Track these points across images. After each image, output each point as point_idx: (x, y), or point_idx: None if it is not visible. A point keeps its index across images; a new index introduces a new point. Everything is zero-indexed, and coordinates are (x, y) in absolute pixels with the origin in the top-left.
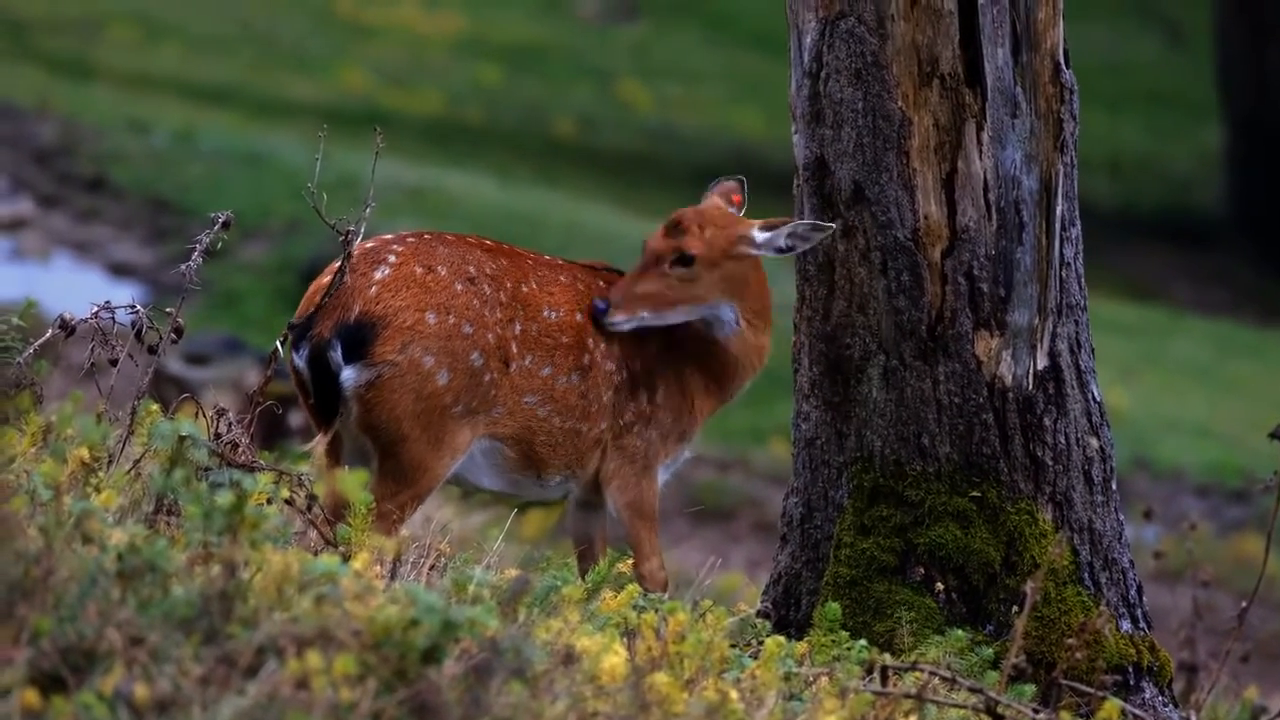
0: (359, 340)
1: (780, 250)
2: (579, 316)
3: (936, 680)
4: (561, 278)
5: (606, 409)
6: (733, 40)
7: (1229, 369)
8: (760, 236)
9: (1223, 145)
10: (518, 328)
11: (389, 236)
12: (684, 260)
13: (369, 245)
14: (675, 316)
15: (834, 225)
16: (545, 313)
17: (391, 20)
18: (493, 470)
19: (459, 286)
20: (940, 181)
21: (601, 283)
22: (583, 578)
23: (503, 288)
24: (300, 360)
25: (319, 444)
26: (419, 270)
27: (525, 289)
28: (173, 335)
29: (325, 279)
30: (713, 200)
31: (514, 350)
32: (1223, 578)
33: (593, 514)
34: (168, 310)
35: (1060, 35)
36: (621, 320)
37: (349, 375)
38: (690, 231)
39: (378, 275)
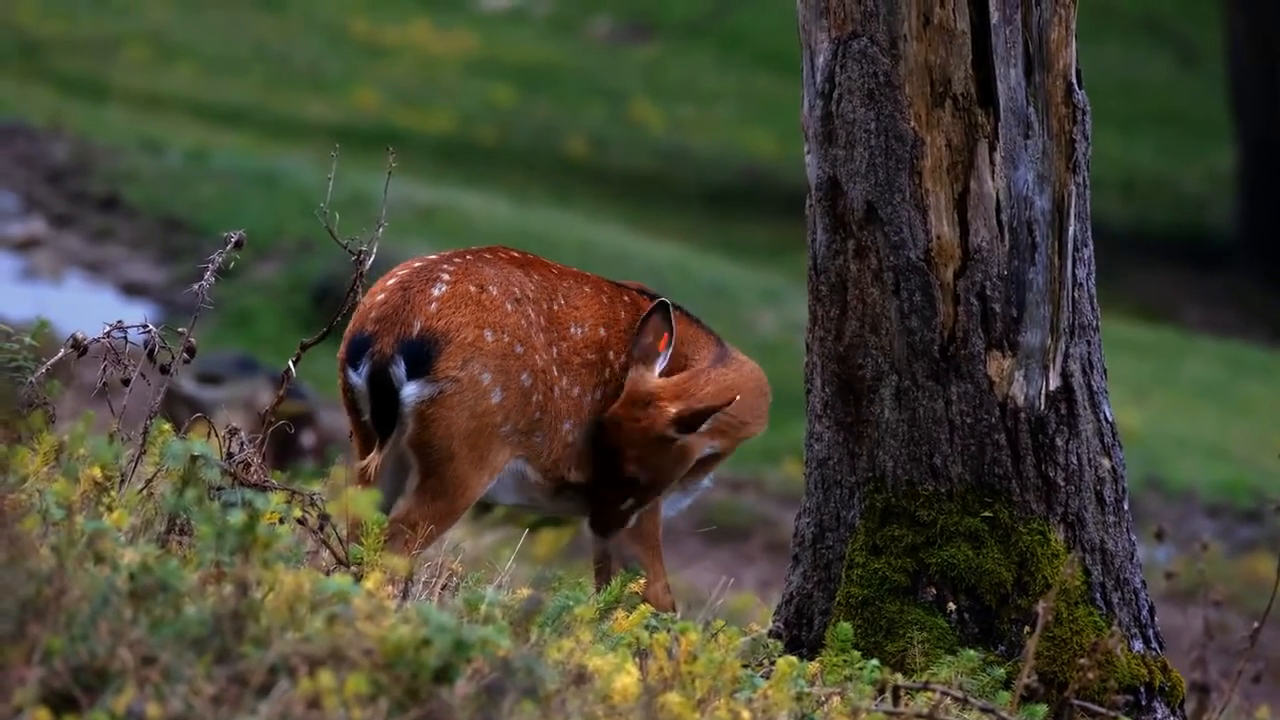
0: (423, 356)
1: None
2: (602, 331)
3: (948, 700)
4: (586, 288)
5: None
6: (745, 61)
7: (1240, 389)
8: (675, 436)
9: (1235, 166)
10: (555, 350)
11: (434, 256)
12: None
13: (418, 264)
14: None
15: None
16: (572, 329)
17: (404, 40)
18: (515, 488)
19: (509, 306)
20: (953, 202)
21: (626, 298)
22: (599, 592)
23: (541, 311)
24: (358, 378)
25: (373, 461)
26: (473, 289)
27: (555, 307)
28: (185, 355)
29: (378, 296)
30: (639, 376)
31: (555, 374)
32: (1235, 598)
33: None
34: (180, 330)
35: (1073, 56)
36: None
37: (411, 391)
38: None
39: (435, 292)
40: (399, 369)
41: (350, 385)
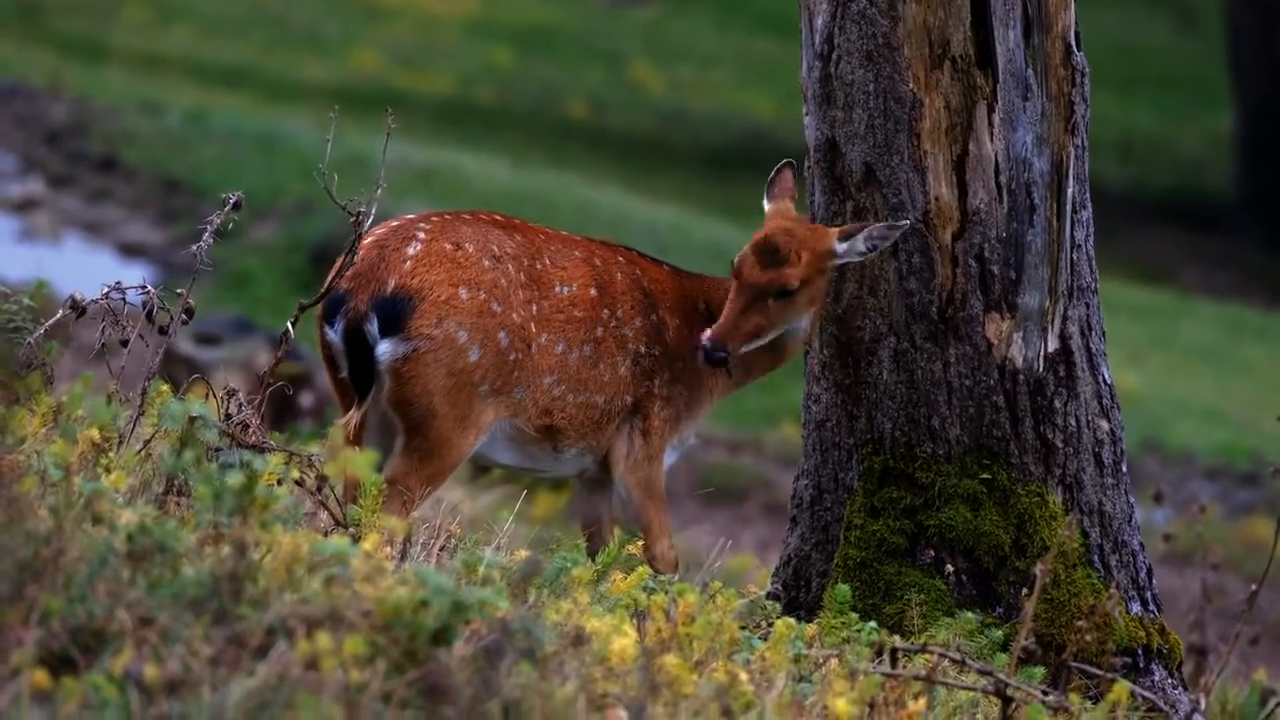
0: (396, 313)
1: (862, 254)
2: (593, 291)
3: (946, 662)
4: (576, 253)
5: (624, 381)
6: (744, 23)
7: (1238, 352)
8: (841, 248)
9: (1233, 129)
10: (535, 308)
11: (412, 216)
12: (785, 294)
13: (395, 223)
14: (768, 339)
15: (908, 222)
16: (557, 289)
17: (404, 1)
18: (510, 445)
19: (486, 264)
20: (951, 164)
21: (620, 258)
22: (591, 559)
23: (521, 267)
24: (334, 334)
25: (351, 419)
26: (449, 246)
27: (539, 266)
28: (183, 316)
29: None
30: (783, 206)
31: (533, 330)
32: (1232, 561)
33: (600, 495)
34: (178, 291)
35: (1072, 18)
36: (731, 357)
37: (385, 349)
38: (790, 261)
39: (410, 250)
40: (372, 326)
41: (327, 342)
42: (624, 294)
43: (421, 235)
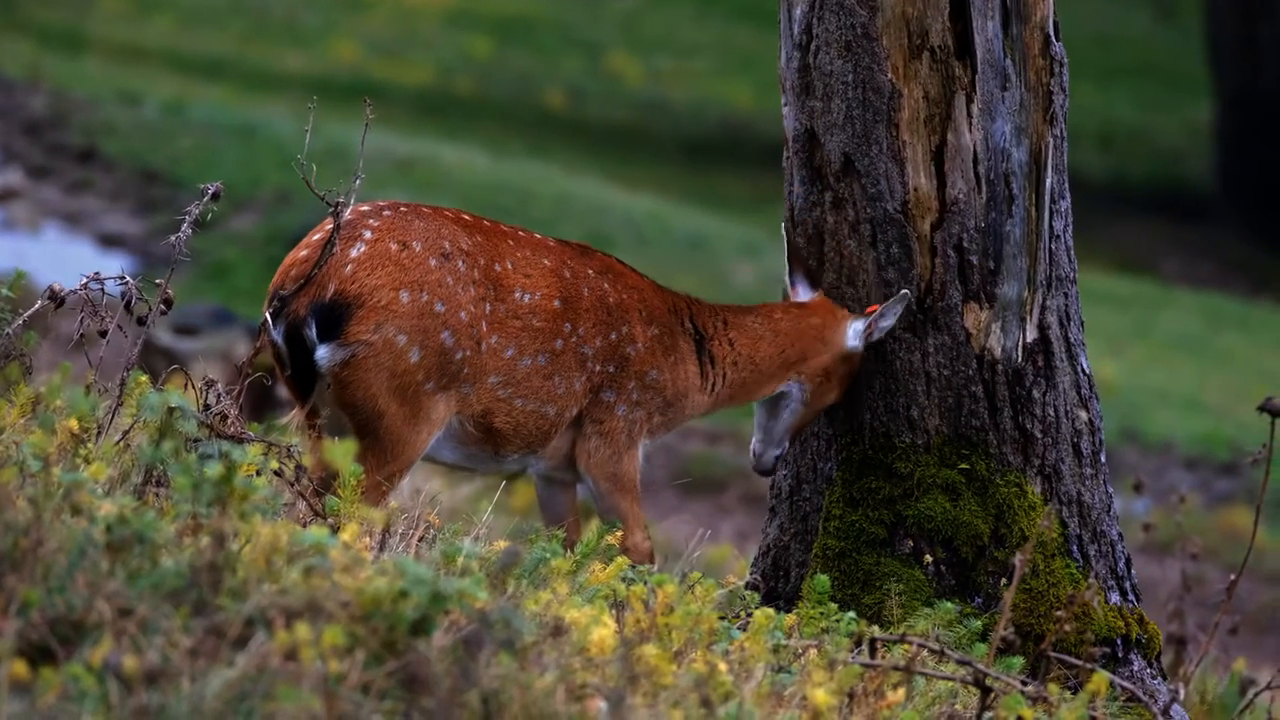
0: (334, 319)
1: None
2: (557, 303)
3: (925, 652)
4: (546, 261)
5: (577, 395)
6: (723, 12)
7: (1218, 341)
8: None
9: (1213, 119)
10: (488, 307)
11: (365, 208)
12: None
13: (348, 215)
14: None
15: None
16: (516, 294)
17: None
18: (451, 443)
19: (433, 262)
20: (930, 154)
21: (591, 270)
22: (568, 550)
23: (476, 265)
24: (277, 335)
25: (296, 417)
26: (394, 247)
27: (499, 268)
28: (162, 306)
29: (302, 253)
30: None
31: (484, 329)
32: (1212, 550)
33: (561, 492)
34: (157, 281)
35: (1050, 8)
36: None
37: (323, 354)
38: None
39: (353, 253)
40: (310, 331)
41: (272, 341)
42: (588, 311)
43: (368, 235)
